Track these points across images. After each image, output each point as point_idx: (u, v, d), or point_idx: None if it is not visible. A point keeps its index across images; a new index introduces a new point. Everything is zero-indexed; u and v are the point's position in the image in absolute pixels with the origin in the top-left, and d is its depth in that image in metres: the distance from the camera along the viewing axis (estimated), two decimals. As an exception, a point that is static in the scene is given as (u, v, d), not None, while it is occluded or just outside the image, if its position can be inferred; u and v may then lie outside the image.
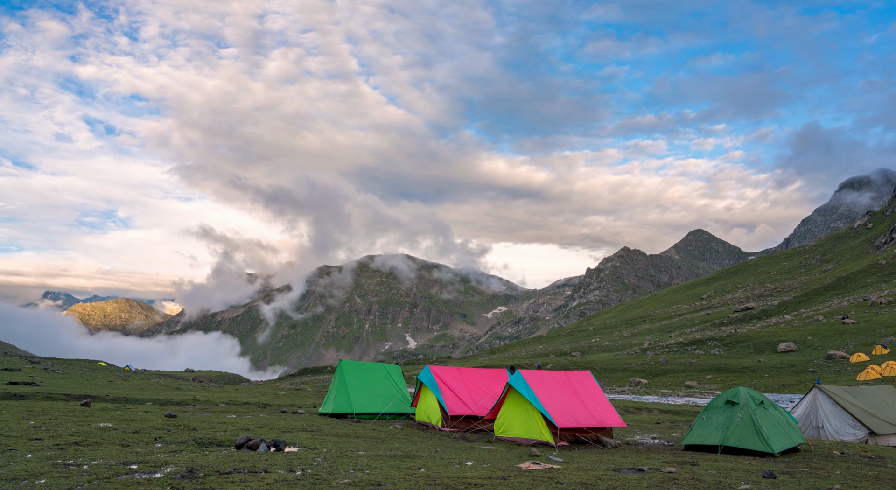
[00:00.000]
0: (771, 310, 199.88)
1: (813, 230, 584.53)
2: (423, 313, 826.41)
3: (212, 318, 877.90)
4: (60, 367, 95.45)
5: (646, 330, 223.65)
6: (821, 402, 38.21)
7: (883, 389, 41.58)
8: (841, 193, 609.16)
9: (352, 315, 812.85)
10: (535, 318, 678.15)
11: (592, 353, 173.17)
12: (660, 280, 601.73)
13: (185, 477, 15.36)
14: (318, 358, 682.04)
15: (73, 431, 22.76)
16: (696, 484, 17.64)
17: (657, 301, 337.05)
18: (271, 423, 30.75)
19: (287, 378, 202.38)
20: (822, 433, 37.38)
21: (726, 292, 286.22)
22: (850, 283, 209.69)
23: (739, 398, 28.53)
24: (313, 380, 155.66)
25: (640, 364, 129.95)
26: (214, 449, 21.28)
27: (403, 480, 16.20)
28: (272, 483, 15.07)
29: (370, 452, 22.12)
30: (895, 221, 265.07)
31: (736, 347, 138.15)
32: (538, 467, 19.81)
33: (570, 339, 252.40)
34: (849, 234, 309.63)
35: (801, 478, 20.15)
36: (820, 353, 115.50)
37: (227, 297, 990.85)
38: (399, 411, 38.80)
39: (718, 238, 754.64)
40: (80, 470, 15.64)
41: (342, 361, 40.37)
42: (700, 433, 28.72)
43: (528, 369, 31.27)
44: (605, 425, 29.61)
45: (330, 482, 15.60)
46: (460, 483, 16.22)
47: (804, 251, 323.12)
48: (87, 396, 42.46)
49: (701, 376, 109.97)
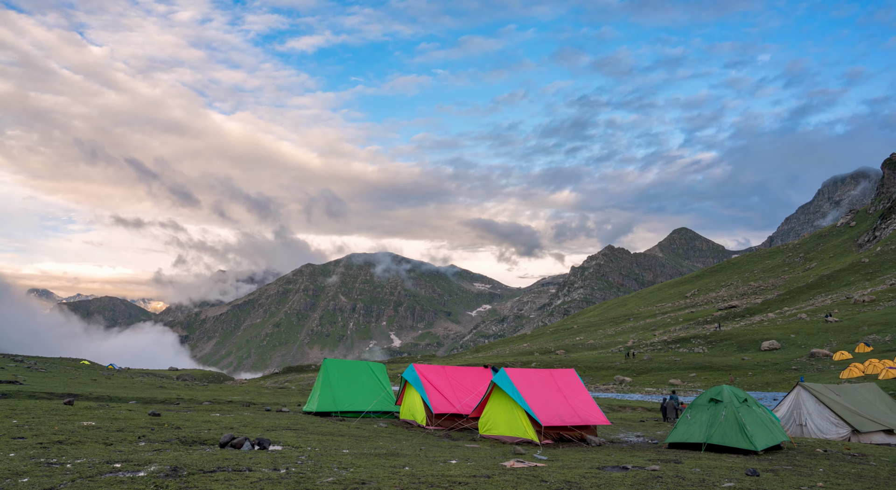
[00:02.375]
0: (754, 308, 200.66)
1: (796, 228, 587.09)
2: (408, 312, 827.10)
3: (195, 316, 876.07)
4: (44, 365, 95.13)
5: (630, 328, 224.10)
6: (804, 400, 38.35)
7: (866, 387, 41.76)
8: (824, 191, 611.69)
9: (336, 313, 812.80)
10: (520, 317, 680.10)
11: (577, 351, 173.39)
12: (644, 278, 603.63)
13: (168, 475, 15.30)
14: (302, 356, 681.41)
15: (57, 430, 22.64)
16: (680, 482, 17.67)
17: (641, 299, 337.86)
18: (255, 422, 30.67)
19: (271, 376, 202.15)
20: (805, 431, 37.51)
21: (710, 290, 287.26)
22: (834, 282, 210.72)
23: (723, 396, 28.60)
24: (297, 378, 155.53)
25: (625, 362, 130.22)
26: (198, 447, 21.20)
27: (388, 479, 16.18)
28: (256, 481, 15.03)
29: (355, 451, 22.09)
30: (878, 220, 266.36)
31: (720, 345, 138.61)
32: (522, 465, 19.83)
33: (554, 337, 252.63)
34: (832, 232, 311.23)
35: (784, 476, 20.21)
36: (803, 351, 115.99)
37: (211, 296, 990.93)
38: (384, 410, 38.78)
39: (702, 236, 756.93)
40: (64, 469, 15.56)
41: (327, 360, 40.33)
42: (684, 431, 28.77)
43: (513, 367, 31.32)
44: (590, 423, 29.65)
45: (314, 480, 15.56)
46: (445, 481, 16.21)
47: (787, 249, 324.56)
48: (71, 395, 42.28)
49: (685, 374, 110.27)
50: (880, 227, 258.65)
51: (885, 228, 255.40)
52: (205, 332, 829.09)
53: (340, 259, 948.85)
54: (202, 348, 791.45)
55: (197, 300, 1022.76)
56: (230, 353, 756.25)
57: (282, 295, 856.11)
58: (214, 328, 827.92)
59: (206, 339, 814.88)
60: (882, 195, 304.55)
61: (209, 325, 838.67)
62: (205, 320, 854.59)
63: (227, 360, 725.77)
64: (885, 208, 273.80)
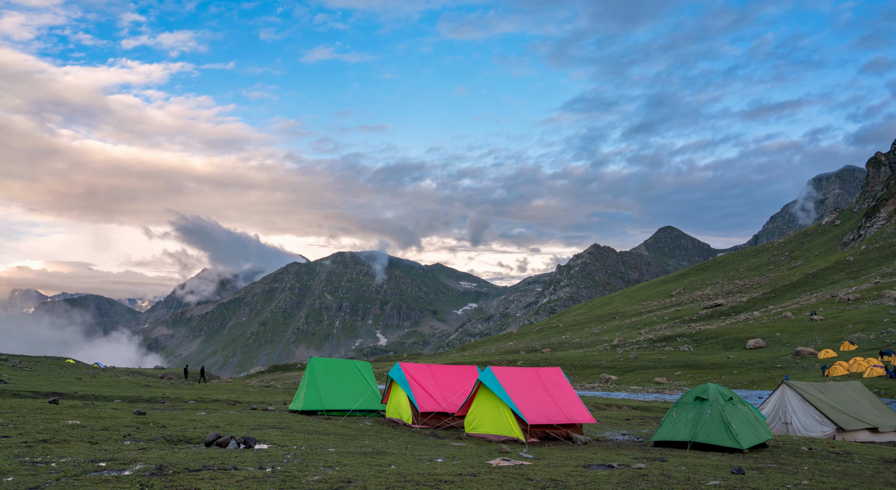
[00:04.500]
0: (740, 306, 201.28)
1: (781, 227, 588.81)
2: (394, 310, 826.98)
3: (181, 314, 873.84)
4: (28, 364, 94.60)
5: (616, 326, 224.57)
6: (789, 399, 38.49)
7: (850, 385, 41.94)
8: (809, 190, 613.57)
9: (322, 312, 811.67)
10: (506, 315, 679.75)
11: (563, 349, 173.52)
12: (630, 277, 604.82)
13: (154, 474, 15.25)
14: (288, 355, 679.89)
15: (41, 429, 22.54)
16: (666, 480, 17.70)
17: (627, 298, 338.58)
18: (241, 421, 30.59)
19: (257, 375, 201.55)
20: (790, 429, 37.65)
21: (696, 289, 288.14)
22: (818, 280, 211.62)
23: (708, 394, 28.67)
24: (283, 377, 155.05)
25: (610, 361, 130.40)
26: (184, 446, 21.13)
27: (374, 477, 16.16)
28: (242, 480, 14.99)
29: (340, 449, 22.06)
30: (862, 218, 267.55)
31: (705, 344, 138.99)
32: (508, 464, 19.84)
33: (540, 335, 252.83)
34: (817, 230, 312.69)
35: (769, 473, 20.27)
36: (788, 349, 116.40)
37: (198, 294, 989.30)
38: (370, 408, 38.72)
39: (688, 235, 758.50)
40: (48, 467, 15.49)
41: (312, 358, 40.23)
42: (669, 429, 28.84)
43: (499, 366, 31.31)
44: (575, 422, 29.67)
45: (300, 479, 15.53)
46: (431, 480, 16.20)
47: (773, 248, 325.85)
48: (56, 393, 42.10)
49: (670, 373, 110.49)
50: (865, 226, 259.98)
51: (869, 227, 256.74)
52: (191, 330, 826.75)
53: (327, 257, 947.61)
54: (188, 347, 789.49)
55: (183, 298, 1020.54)
56: (216, 351, 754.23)
57: (268, 293, 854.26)
58: (200, 327, 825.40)
59: (192, 337, 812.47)
60: (867, 194, 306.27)
61: (195, 323, 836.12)
62: (191, 319, 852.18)
63: (212, 358, 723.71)
64: (869, 207, 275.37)
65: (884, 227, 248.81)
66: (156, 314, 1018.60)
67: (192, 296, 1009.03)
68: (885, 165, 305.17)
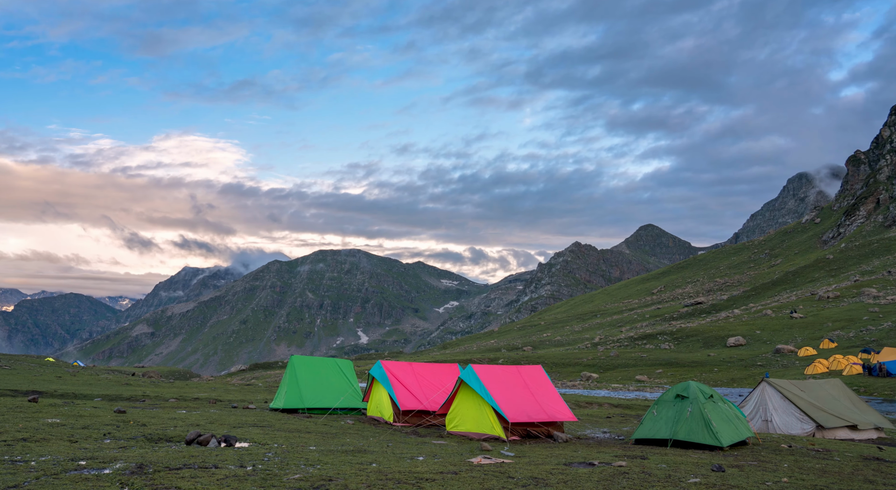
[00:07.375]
0: (720, 304, 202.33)
1: (762, 225, 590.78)
2: (375, 308, 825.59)
3: (162, 313, 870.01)
4: (7, 362, 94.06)
5: (597, 324, 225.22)
6: (769, 396, 38.63)
7: (830, 383, 42.14)
8: (789, 188, 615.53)
9: (303, 310, 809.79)
10: (487, 313, 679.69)
11: (544, 347, 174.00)
12: (611, 275, 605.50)
13: (134, 473, 15.21)
14: (269, 353, 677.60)
15: (21, 427, 22.43)
16: (646, 478, 17.76)
17: (608, 296, 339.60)
18: (222, 419, 30.50)
19: (238, 373, 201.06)
20: (770, 427, 37.78)
21: (676, 287, 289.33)
22: (798, 278, 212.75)
23: (689, 392, 28.73)
24: (264, 375, 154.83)
25: (591, 359, 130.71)
26: (164, 444, 21.08)
27: (355, 475, 16.15)
28: (223, 478, 14.96)
29: (321, 447, 22.02)
30: (842, 216, 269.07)
31: (686, 342, 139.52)
32: (489, 462, 19.85)
33: (521, 333, 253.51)
34: (797, 229, 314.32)
35: (749, 471, 20.38)
36: (768, 347, 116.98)
37: (179, 293, 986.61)
38: (351, 406, 38.62)
39: (669, 233, 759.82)
40: (28, 466, 15.42)
41: (294, 357, 40.16)
42: (650, 427, 28.91)
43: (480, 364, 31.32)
44: (557, 420, 29.69)
45: (281, 477, 15.52)
46: (412, 478, 16.21)
47: (753, 246, 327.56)
48: (35, 392, 41.86)
49: (651, 370, 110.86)
50: (844, 224, 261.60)
51: (849, 225, 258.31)
52: (171, 328, 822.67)
53: (308, 256, 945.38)
54: (168, 345, 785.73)
55: (163, 297, 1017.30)
56: (196, 349, 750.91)
57: (249, 292, 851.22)
58: (181, 325, 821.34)
59: (173, 335, 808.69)
60: (846, 192, 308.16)
61: (175, 321, 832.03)
62: (171, 317, 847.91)
63: (193, 356, 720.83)
64: (849, 205, 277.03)
65: (863, 225, 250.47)
66: (136, 312, 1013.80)
67: (173, 294, 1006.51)
68: (864, 163, 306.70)
